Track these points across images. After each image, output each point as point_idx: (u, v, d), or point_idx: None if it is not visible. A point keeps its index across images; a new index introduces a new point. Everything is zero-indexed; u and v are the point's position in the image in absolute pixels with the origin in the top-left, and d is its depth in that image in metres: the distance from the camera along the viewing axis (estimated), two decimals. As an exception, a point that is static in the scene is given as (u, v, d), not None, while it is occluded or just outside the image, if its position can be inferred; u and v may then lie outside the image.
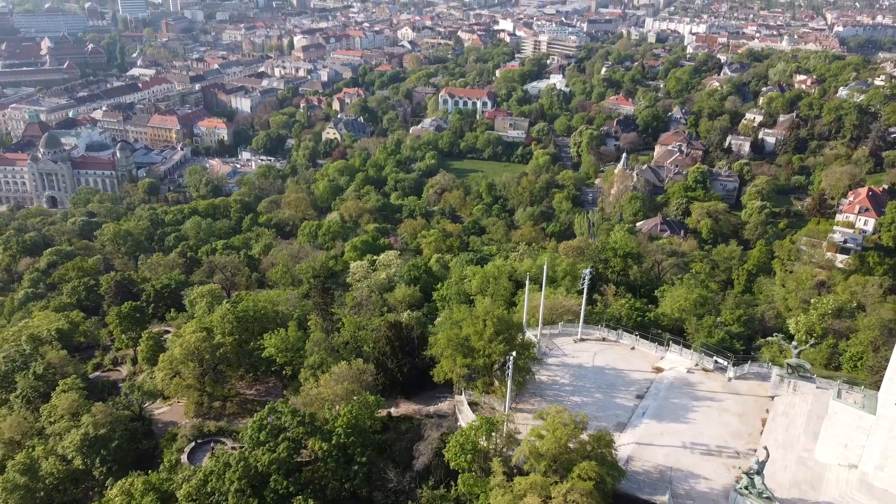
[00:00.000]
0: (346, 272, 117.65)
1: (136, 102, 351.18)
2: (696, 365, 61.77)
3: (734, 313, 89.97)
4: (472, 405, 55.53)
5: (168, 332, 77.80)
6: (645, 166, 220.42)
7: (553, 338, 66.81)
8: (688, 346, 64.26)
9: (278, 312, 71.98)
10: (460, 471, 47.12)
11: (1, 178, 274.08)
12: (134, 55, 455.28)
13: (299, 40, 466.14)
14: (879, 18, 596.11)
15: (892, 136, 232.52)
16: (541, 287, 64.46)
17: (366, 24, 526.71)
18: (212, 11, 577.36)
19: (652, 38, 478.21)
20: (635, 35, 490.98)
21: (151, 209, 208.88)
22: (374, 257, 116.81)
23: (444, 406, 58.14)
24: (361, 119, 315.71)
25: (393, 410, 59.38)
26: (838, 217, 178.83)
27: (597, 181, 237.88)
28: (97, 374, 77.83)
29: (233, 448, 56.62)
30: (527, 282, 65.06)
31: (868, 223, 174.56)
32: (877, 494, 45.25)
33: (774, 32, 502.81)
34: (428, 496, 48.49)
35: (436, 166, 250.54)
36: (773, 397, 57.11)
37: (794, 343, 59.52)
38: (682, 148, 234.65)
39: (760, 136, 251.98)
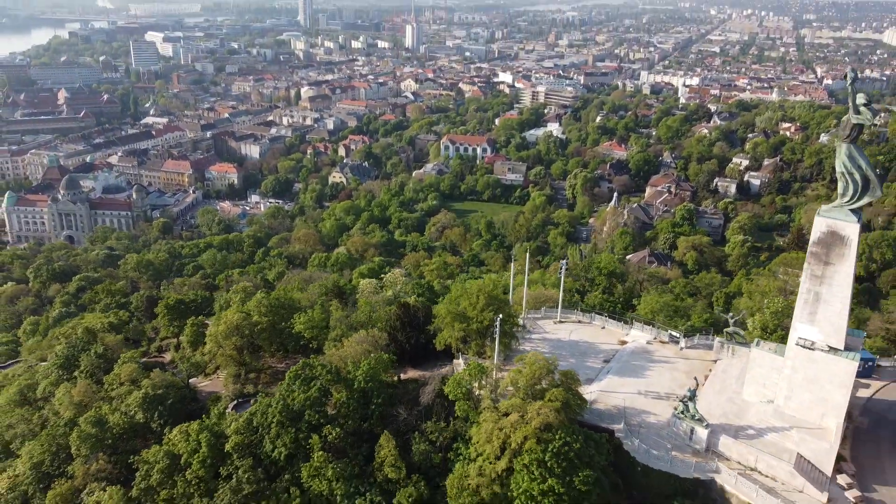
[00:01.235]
0: (354, 293, 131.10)
1: (150, 148, 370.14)
2: (655, 338, 75.10)
3: (701, 316, 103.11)
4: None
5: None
6: (635, 205, 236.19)
7: (536, 321, 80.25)
8: (649, 324, 77.60)
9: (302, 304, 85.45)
10: (457, 400, 60.01)
11: (21, 218, 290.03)
12: (147, 105, 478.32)
13: (306, 91, 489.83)
14: (868, 72, 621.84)
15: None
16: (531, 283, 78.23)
17: (370, 77, 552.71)
18: (222, 64, 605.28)
19: (646, 90, 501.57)
20: (630, 87, 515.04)
21: (169, 244, 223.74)
22: (382, 276, 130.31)
23: (444, 370, 71.01)
24: (366, 164, 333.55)
25: (402, 375, 72.33)
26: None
27: (591, 220, 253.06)
28: (145, 359, 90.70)
29: (270, 402, 69.17)
30: (512, 264, 78.81)
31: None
32: (786, 419, 58.09)
33: (765, 85, 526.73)
34: (431, 427, 61.25)
35: (437, 207, 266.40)
36: (716, 360, 70.23)
37: (731, 314, 73.02)
38: (672, 189, 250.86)
39: (746, 178, 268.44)
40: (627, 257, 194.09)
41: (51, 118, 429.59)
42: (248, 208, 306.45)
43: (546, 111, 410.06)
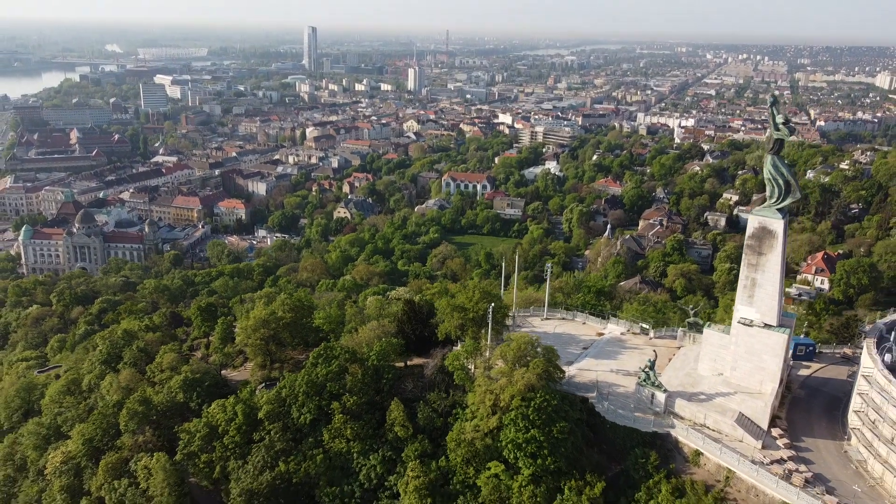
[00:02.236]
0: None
1: (161, 185, 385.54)
2: (628, 330, 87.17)
3: (681, 324, 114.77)
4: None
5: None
6: (628, 236, 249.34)
7: (526, 317, 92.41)
8: (623, 319, 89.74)
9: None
10: (455, 371, 71.88)
11: (37, 251, 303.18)
12: (156, 145, 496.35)
13: (311, 132, 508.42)
14: (860, 114, 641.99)
15: (852, 211, 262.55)
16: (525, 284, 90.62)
17: (373, 118, 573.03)
18: (229, 106, 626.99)
19: (643, 131, 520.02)
20: (627, 128, 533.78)
21: (182, 272, 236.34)
22: (388, 292, 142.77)
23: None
24: (370, 200, 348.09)
25: (408, 362, 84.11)
26: (798, 278, 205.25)
27: (586, 252, 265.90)
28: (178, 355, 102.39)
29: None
30: (503, 264, 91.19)
31: (824, 282, 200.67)
32: (732, 386, 69.96)
33: (759, 126, 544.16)
34: (434, 397, 73.02)
35: (439, 239, 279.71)
36: (679, 347, 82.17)
37: (692, 307, 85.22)
38: (663, 222, 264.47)
39: (735, 212, 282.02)
40: (619, 284, 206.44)
41: (64, 157, 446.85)
42: (255, 242, 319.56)
43: (544, 150, 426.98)
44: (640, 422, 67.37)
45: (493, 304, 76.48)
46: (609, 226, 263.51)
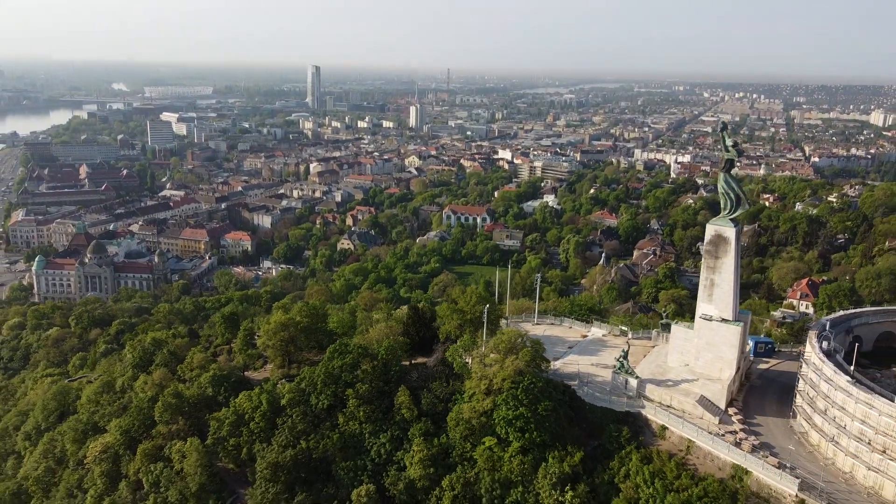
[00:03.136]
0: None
1: (168, 218, 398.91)
2: (609, 332, 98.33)
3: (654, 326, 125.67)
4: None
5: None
6: (622, 264, 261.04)
7: (518, 323, 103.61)
8: (605, 322, 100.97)
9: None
10: (454, 361, 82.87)
11: (49, 280, 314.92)
12: (163, 179, 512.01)
13: (315, 167, 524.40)
14: (854, 151, 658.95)
15: (839, 241, 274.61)
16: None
17: (376, 154, 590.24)
18: (234, 142, 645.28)
19: (639, 167, 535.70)
20: (624, 164, 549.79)
21: (193, 298, 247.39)
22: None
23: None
24: (372, 232, 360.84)
25: (413, 360, 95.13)
26: (784, 303, 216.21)
27: (582, 281, 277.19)
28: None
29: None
30: (496, 270, 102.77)
31: (808, 307, 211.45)
32: (695, 374, 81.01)
33: (754, 162, 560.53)
34: (436, 386, 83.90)
35: (439, 269, 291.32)
36: (653, 346, 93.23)
37: (664, 311, 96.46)
38: (657, 251, 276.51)
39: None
40: (614, 308, 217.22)
41: (74, 191, 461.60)
42: (261, 273, 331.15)
43: (543, 184, 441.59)
44: (615, 403, 78.27)
45: (487, 306, 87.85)
46: (604, 255, 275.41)
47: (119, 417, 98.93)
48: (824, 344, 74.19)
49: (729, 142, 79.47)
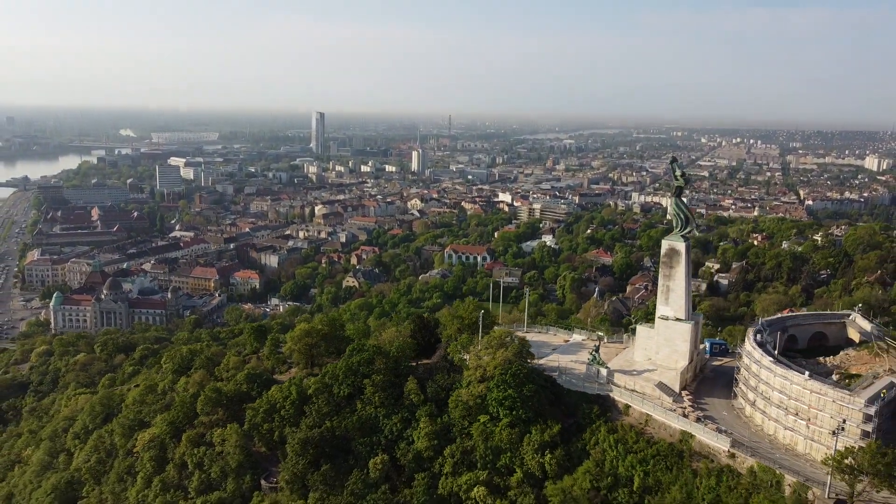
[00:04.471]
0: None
1: (179, 258, 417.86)
2: (588, 338, 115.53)
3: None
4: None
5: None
6: (615, 297, 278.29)
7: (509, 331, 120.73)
8: (585, 329, 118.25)
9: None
10: (454, 354, 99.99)
11: (66, 316, 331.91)
12: (172, 221, 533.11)
13: (319, 209, 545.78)
14: (847, 194, 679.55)
15: (821, 276, 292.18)
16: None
17: (379, 197, 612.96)
18: (240, 186, 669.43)
19: (637, 209, 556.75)
20: (621, 206, 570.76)
21: (207, 330, 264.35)
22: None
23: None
24: (376, 270, 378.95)
25: (418, 362, 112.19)
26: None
27: (578, 315, 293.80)
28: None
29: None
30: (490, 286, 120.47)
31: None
32: (656, 365, 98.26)
33: (748, 205, 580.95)
34: (439, 377, 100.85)
35: (441, 304, 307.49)
36: (625, 348, 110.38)
37: (633, 318, 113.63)
38: (648, 286, 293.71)
39: (716, 279, 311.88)
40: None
41: (86, 232, 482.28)
42: (269, 309, 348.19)
43: (541, 225, 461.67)
44: (588, 388, 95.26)
45: (482, 311, 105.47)
46: (598, 290, 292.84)
47: (163, 413, 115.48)
48: (758, 336, 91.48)
49: (678, 172, 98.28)
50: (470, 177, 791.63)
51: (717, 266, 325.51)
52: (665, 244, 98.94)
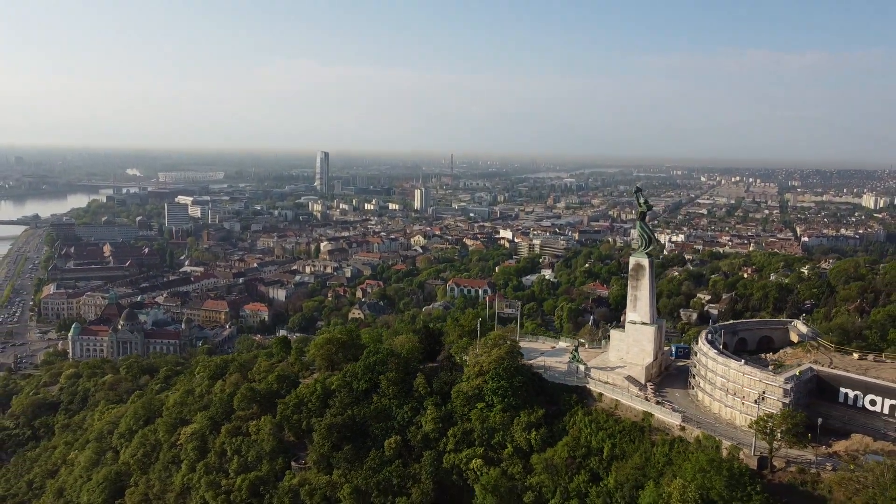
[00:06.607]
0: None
1: (191, 291, 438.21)
2: (569, 344, 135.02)
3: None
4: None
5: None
6: (608, 325, 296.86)
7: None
8: (569, 338, 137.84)
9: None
10: (456, 353, 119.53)
11: (83, 346, 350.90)
12: (182, 257, 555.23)
13: (325, 245, 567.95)
14: (843, 231, 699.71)
15: (805, 306, 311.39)
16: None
17: (382, 233, 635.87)
18: (247, 223, 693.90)
19: (635, 245, 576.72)
20: (620, 242, 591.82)
21: (223, 357, 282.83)
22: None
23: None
24: (381, 303, 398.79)
25: (425, 365, 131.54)
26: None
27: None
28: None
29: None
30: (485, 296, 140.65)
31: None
32: (626, 362, 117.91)
33: (745, 241, 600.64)
34: (443, 374, 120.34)
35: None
36: (603, 352, 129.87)
37: (609, 325, 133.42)
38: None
39: (706, 308, 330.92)
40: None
41: (99, 267, 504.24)
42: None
43: (541, 260, 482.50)
44: (569, 381, 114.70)
45: (480, 319, 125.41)
46: (593, 319, 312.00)
47: (203, 411, 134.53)
48: (709, 336, 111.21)
49: (642, 200, 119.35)
50: (472, 214, 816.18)
51: (707, 297, 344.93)
52: (632, 260, 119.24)
